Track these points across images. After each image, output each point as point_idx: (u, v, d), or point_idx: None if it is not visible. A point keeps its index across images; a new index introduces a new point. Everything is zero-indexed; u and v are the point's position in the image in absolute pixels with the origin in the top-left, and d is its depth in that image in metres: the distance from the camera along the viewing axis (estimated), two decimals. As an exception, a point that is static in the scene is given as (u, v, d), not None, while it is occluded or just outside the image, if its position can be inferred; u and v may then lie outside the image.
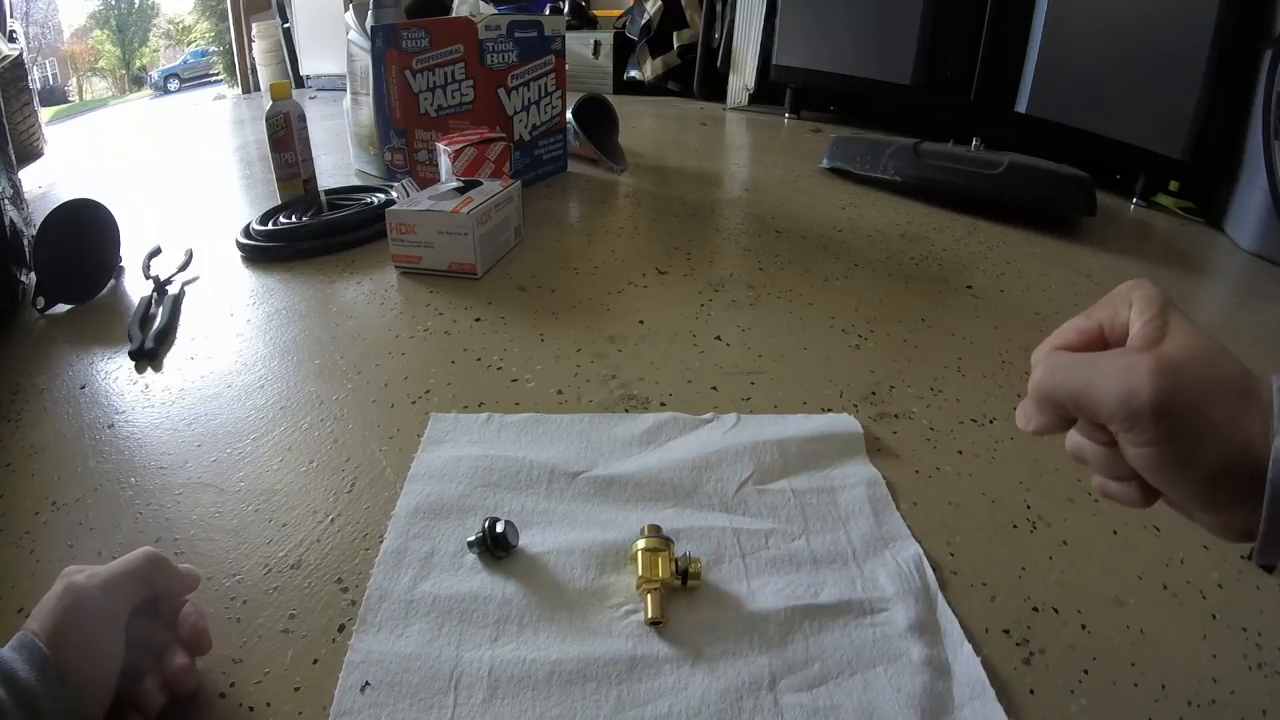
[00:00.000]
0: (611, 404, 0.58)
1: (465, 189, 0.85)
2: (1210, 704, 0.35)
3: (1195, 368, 0.25)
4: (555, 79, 1.19)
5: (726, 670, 0.35)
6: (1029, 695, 0.35)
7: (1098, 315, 0.30)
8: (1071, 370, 0.28)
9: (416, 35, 1.00)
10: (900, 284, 0.84)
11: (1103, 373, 0.26)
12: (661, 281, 0.82)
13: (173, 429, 0.56)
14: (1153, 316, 0.27)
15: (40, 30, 11.51)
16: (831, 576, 0.41)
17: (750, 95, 1.94)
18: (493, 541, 0.41)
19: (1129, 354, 0.27)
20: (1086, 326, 0.30)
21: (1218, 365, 0.25)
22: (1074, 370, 0.28)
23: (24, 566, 0.43)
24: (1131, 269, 0.94)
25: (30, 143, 1.77)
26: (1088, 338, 0.30)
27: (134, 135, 2.21)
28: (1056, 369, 0.28)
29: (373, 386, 0.61)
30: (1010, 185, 1.07)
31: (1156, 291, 0.28)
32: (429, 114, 1.05)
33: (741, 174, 1.37)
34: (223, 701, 0.35)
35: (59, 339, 0.72)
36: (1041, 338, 0.31)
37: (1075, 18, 1.25)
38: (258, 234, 0.91)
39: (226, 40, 4.40)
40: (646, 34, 2.16)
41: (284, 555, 0.43)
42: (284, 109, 1.03)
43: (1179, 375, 0.25)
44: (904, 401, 0.60)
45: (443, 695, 0.34)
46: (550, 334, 0.69)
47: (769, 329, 0.71)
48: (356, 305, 0.76)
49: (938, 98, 1.52)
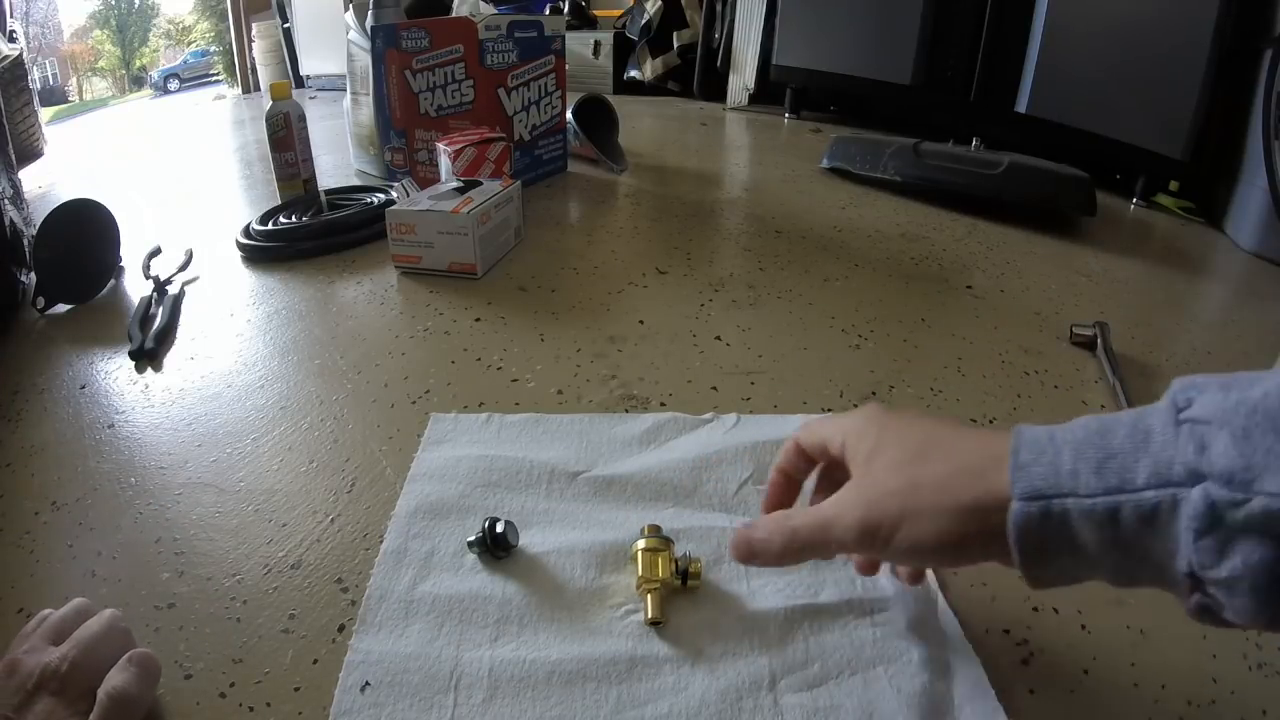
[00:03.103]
0: (611, 404, 0.58)
1: (465, 189, 0.85)
2: (1210, 704, 0.35)
3: (888, 488, 0.31)
4: (555, 79, 1.19)
5: (726, 670, 0.35)
6: (1029, 695, 0.35)
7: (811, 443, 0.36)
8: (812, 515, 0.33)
9: (416, 35, 1.00)
10: (900, 284, 0.84)
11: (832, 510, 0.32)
12: (661, 281, 0.82)
13: (173, 429, 0.56)
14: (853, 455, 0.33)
15: (40, 30, 11.51)
16: (831, 576, 0.41)
17: (750, 95, 1.94)
18: (493, 541, 0.41)
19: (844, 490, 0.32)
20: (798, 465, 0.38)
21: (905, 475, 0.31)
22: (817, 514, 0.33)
23: (24, 566, 0.43)
24: (1131, 269, 0.94)
25: (30, 143, 1.77)
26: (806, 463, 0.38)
27: (134, 135, 2.21)
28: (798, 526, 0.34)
29: (373, 386, 0.61)
30: (1010, 185, 1.07)
31: (838, 430, 0.35)
32: (429, 114, 1.05)
33: (741, 174, 1.37)
34: (223, 701, 0.35)
35: (59, 339, 0.72)
36: (1041, 338, 0.31)
37: (1075, 18, 1.25)
38: (258, 234, 0.91)
39: (226, 40, 4.39)
40: (646, 34, 2.16)
41: (284, 555, 0.43)
42: (284, 109, 1.03)
43: (880, 500, 0.31)
44: (904, 401, 0.60)
45: (443, 695, 0.34)
46: (550, 334, 0.69)
47: (769, 329, 0.71)
48: (356, 305, 0.76)
49: (938, 98, 1.52)
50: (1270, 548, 0.22)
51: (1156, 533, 0.24)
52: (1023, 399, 0.61)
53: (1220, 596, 0.23)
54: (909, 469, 0.30)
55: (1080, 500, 0.25)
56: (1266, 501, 0.21)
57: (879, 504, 0.30)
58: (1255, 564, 0.22)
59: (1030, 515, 0.26)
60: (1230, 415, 0.23)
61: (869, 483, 0.32)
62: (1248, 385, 0.24)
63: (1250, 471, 0.22)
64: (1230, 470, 0.22)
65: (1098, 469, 0.25)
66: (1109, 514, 0.25)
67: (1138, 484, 0.24)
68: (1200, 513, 0.23)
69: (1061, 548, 0.26)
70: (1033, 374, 0.64)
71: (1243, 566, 0.22)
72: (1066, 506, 0.25)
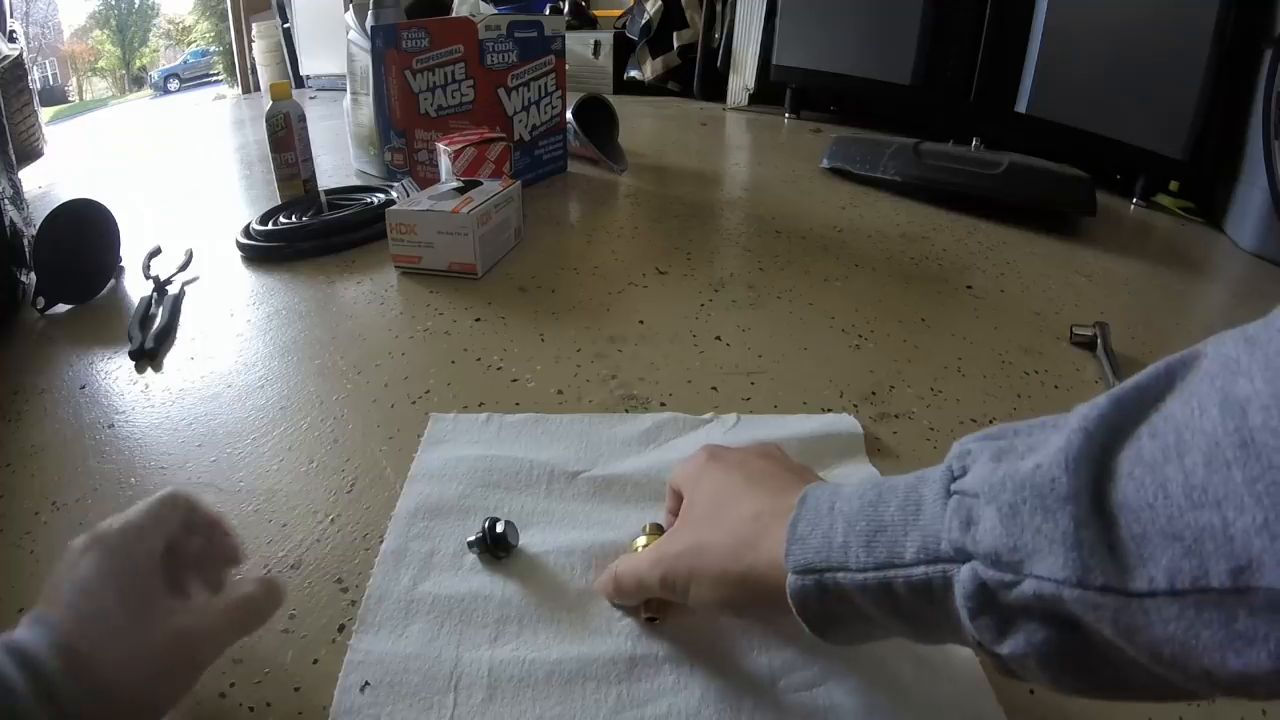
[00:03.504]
0: (611, 404, 0.58)
1: (465, 189, 0.85)
2: (1210, 703, 0.35)
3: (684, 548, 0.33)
4: (555, 79, 1.19)
5: (726, 670, 0.35)
6: (1029, 695, 0.35)
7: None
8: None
9: (416, 35, 1.00)
10: (900, 284, 0.84)
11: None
12: (661, 281, 0.82)
13: (173, 429, 0.56)
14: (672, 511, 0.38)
15: (40, 30, 11.52)
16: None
17: (750, 95, 1.94)
18: (493, 541, 0.41)
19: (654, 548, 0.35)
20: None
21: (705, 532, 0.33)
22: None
23: (24, 566, 0.43)
24: (1131, 269, 0.94)
25: (30, 143, 1.77)
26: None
27: (134, 135, 2.22)
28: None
29: (373, 386, 0.61)
30: (1010, 185, 1.07)
31: (681, 478, 0.37)
32: (429, 114, 1.05)
33: (741, 174, 1.37)
34: (223, 701, 0.35)
35: (59, 339, 0.72)
36: (1041, 338, 0.31)
37: (1075, 18, 1.25)
38: (258, 234, 0.91)
39: (226, 40, 4.40)
40: (646, 34, 2.16)
41: (284, 555, 0.43)
42: (284, 109, 1.03)
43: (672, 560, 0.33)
44: (904, 401, 0.60)
45: (442, 695, 0.34)
46: (550, 334, 0.69)
47: (769, 329, 0.71)
48: (356, 305, 0.76)
49: (938, 98, 1.52)
50: (1052, 629, 0.21)
51: (935, 606, 0.23)
52: (1023, 399, 0.61)
53: (1016, 669, 0.22)
54: (700, 531, 0.33)
55: (852, 575, 0.25)
56: (1037, 585, 0.20)
57: (673, 565, 0.33)
58: (1039, 644, 0.21)
59: (806, 588, 0.26)
60: (998, 490, 0.21)
61: (670, 539, 0.35)
62: (1020, 456, 0.22)
63: (1018, 552, 0.20)
64: (996, 550, 0.21)
65: (868, 543, 0.25)
66: (882, 588, 0.24)
67: (905, 559, 0.23)
68: (971, 592, 0.22)
69: (848, 614, 0.26)
70: (1033, 374, 0.64)
71: (1025, 645, 0.21)
72: (838, 580, 0.25)
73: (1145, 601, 0.18)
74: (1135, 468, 0.19)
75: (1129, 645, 0.19)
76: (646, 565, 0.34)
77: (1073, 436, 0.20)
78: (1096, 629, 0.19)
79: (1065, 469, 0.20)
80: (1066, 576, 0.19)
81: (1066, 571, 0.19)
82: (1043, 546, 0.20)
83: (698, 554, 0.32)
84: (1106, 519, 0.19)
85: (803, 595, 0.26)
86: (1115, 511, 0.19)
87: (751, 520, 0.30)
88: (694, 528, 0.33)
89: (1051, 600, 0.20)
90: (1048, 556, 0.20)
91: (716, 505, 0.33)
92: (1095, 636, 0.20)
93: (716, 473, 0.35)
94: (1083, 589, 0.19)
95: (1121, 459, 0.19)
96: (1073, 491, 0.20)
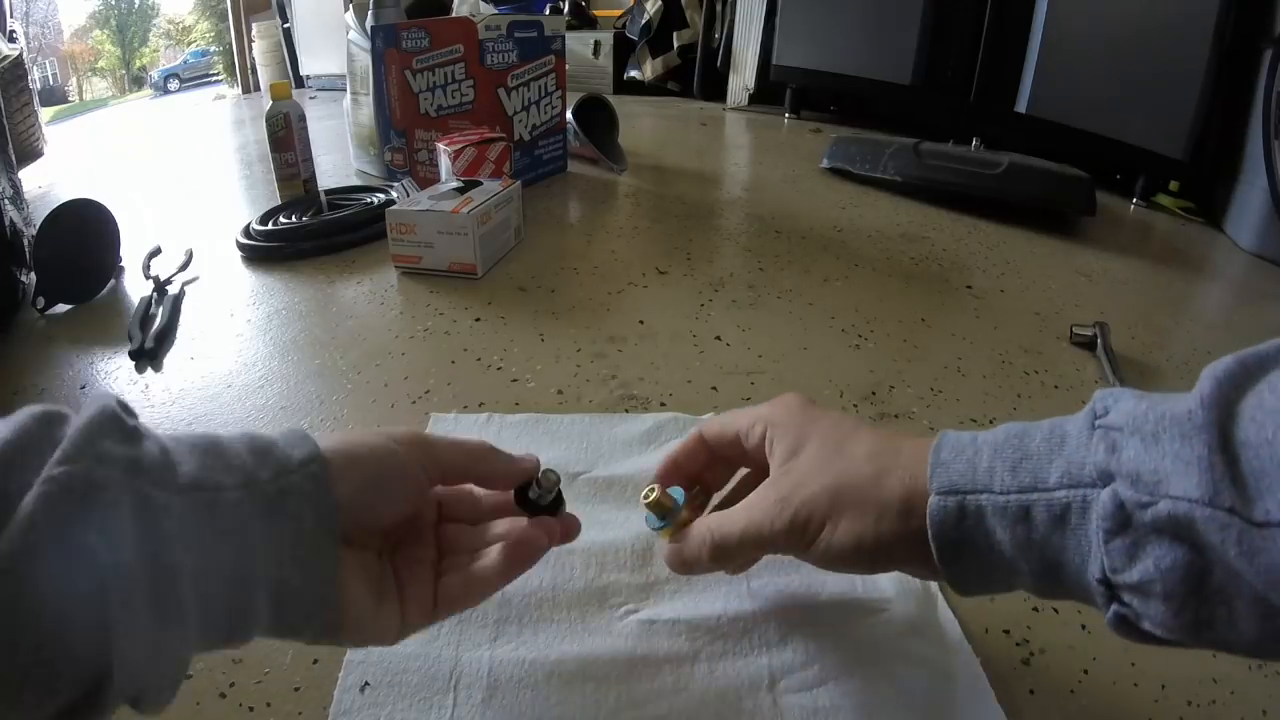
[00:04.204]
0: (611, 404, 0.58)
1: (465, 189, 0.85)
2: (1210, 704, 0.35)
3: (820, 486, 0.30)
4: (555, 79, 1.19)
5: (726, 670, 0.35)
6: (1029, 695, 0.35)
7: (737, 426, 0.36)
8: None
9: (416, 35, 1.00)
10: (900, 284, 0.84)
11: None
12: (661, 281, 0.82)
13: (173, 429, 0.56)
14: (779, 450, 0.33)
15: (40, 30, 11.52)
16: (832, 576, 0.41)
17: (750, 95, 1.94)
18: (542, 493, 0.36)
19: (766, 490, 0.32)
20: (723, 434, 0.37)
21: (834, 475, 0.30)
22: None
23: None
24: (1131, 269, 0.94)
25: (30, 143, 1.77)
26: (725, 443, 0.37)
27: (134, 135, 2.22)
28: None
29: (373, 386, 0.61)
30: (1010, 185, 1.07)
31: (770, 416, 0.35)
32: (429, 114, 1.05)
33: (741, 174, 1.37)
34: (223, 701, 0.35)
35: (59, 339, 0.72)
36: (1041, 337, 0.32)
37: (1075, 18, 1.25)
38: (258, 234, 0.91)
39: (226, 40, 4.40)
40: (646, 34, 2.16)
41: (284, 555, 0.43)
42: (284, 109, 1.03)
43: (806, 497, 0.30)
44: (904, 401, 0.60)
45: (442, 695, 0.34)
46: (550, 334, 0.69)
47: (769, 329, 0.71)
48: (356, 305, 0.76)
49: (938, 98, 1.52)
50: (1180, 551, 0.22)
51: (1069, 534, 0.24)
52: (1023, 399, 0.61)
53: (1135, 604, 0.23)
54: (835, 466, 0.30)
55: (994, 497, 0.26)
56: (1171, 505, 0.21)
57: (809, 501, 0.30)
58: (1166, 568, 0.22)
59: (947, 509, 0.27)
60: (1141, 422, 0.23)
61: (795, 479, 0.31)
62: (1165, 399, 0.24)
63: (1157, 474, 0.22)
64: (1137, 471, 0.22)
65: (1013, 468, 0.26)
66: (1021, 512, 0.25)
67: (1050, 484, 0.25)
68: (1109, 513, 0.23)
69: (978, 545, 0.26)
70: (1033, 374, 0.64)
71: (1154, 569, 0.22)
72: (981, 503, 0.26)
73: (1264, 530, 0.20)
74: (1257, 413, 0.21)
75: (1249, 568, 0.20)
76: (767, 512, 0.31)
77: (1204, 384, 0.23)
78: (1221, 552, 0.21)
79: (1201, 405, 0.22)
80: (1200, 496, 0.21)
81: (1200, 491, 0.21)
82: (1179, 469, 0.22)
83: (836, 486, 0.30)
84: (1230, 455, 0.21)
85: (942, 516, 0.27)
86: (1238, 450, 0.21)
87: (887, 452, 0.30)
88: (825, 466, 0.31)
89: (1185, 520, 0.21)
90: (1184, 478, 0.21)
91: (840, 441, 0.31)
92: (1218, 565, 0.21)
93: (820, 413, 0.34)
94: (1213, 508, 0.21)
95: (1245, 405, 0.22)
96: (1206, 423, 0.22)
